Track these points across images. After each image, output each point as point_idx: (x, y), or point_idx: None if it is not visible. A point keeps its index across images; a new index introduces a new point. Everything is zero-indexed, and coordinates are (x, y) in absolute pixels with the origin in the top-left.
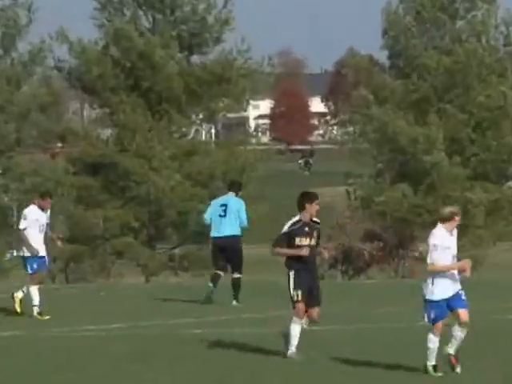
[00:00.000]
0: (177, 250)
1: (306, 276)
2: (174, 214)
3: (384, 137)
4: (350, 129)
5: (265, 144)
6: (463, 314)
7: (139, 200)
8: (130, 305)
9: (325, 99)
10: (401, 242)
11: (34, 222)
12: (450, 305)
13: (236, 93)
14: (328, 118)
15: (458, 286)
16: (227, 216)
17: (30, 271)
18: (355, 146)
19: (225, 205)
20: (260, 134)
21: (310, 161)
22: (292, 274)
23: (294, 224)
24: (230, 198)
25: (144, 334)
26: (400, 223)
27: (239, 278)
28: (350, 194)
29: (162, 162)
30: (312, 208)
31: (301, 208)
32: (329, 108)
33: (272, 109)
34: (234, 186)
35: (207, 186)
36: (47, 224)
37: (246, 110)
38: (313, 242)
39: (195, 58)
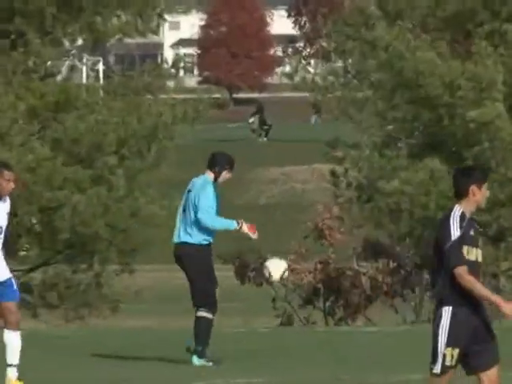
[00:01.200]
0: (37, 274)
1: (473, 319)
2: (33, 212)
3: (398, 78)
4: (339, 64)
5: (190, 90)
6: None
7: None
8: None
9: (294, 13)
10: (426, 260)
11: None
12: None
13: (140, 2)
14: (300, 45)
15: None
16: (186, 211)
17: None
18: (347, 95)
19: (189, 191)
20: (182, 72)
21: (268, 121)
22: (449, 313)
23: (461, 219)
24: (196, 182)
25: None
26: (426, 228)
27: (204, 318)
28: (337, 178)
29: (13, 122)
30: (482, 194)
31: (463, 193)
32: (301, 28)
33: (203, 29)
34: (210, 160)
35: (91, 163)
36: (6, 226)
37: (157, 33)
38: (480, 256)
39: None
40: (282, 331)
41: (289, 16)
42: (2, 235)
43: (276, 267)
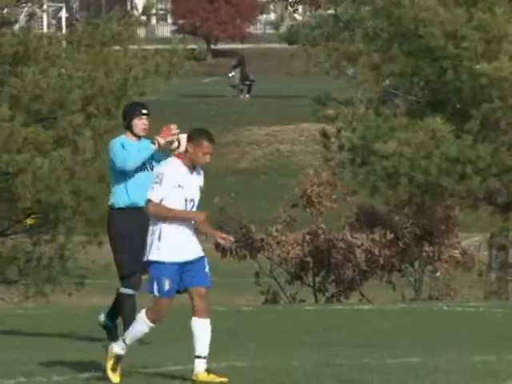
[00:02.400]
0: None
1: None
2: None
3: (396, 28)
4: (330, 11)
5: (164, 41)
6: None
7: None
8: None
9: None
10: (427, 231)
11: (173, 189)
12: None
13: None
14: None
15: None
16: None
17: (156, 292)
18: (339, 46)
19: None
20: (154, 20)
21: (251, 76)
22: None
23: None
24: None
25: None
26: (426, 195)
27: (120, 294)
28: (328, 139)
29: None
30: None
31: None
32: None
33: None
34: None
35: (53, 122)
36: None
37: None
38: None
39: None
40: (267, 310)
41: None
42: (195, 209)
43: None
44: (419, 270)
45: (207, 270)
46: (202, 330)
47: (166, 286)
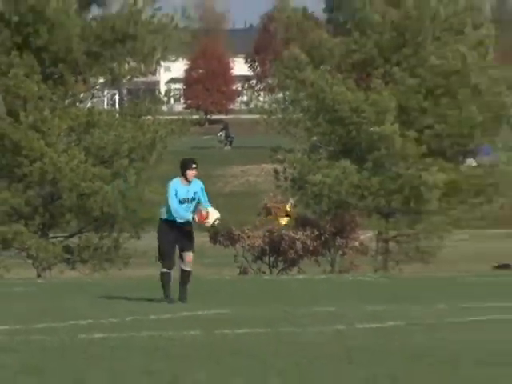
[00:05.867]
0: (75, 240)
1: None
2: (73, 198)
3: (321, 105)
4: (280, 95)
5: (179, 114)
6: None
7: (31, 181)
8: (18, 304)
9: (249, 60)
10: (339, 229)
11: None
12: None
13: (143, 53)
14: (253, 82)
15: None
16: None
17: None
18: (285, 116)
19: None
20: (172, 101)
21: (231, 134)
22: None
23: None
24: None
25: (37, 341)
26: (339, 208)
27: (160, 272)
28: (278, 174)
29: (59, 137)
30: None
31: None
32: (254, 70)
33: (187, 71)
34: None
35: (111, 164)
36: None
37: (155, 74)
38: None
39: (94, 11)
40: (240, 278)
41: (246, 62)
42: None
43: (212, 215)
44: (334, 254)
45: None
46: None
47: None
